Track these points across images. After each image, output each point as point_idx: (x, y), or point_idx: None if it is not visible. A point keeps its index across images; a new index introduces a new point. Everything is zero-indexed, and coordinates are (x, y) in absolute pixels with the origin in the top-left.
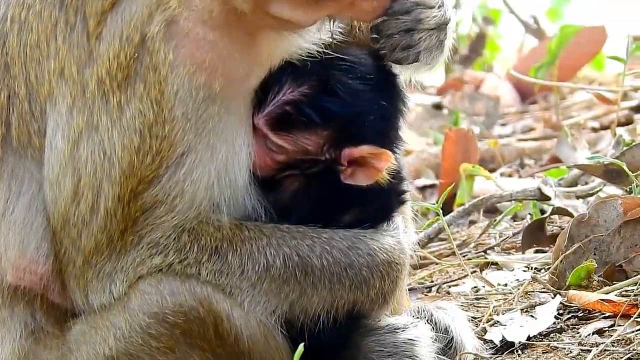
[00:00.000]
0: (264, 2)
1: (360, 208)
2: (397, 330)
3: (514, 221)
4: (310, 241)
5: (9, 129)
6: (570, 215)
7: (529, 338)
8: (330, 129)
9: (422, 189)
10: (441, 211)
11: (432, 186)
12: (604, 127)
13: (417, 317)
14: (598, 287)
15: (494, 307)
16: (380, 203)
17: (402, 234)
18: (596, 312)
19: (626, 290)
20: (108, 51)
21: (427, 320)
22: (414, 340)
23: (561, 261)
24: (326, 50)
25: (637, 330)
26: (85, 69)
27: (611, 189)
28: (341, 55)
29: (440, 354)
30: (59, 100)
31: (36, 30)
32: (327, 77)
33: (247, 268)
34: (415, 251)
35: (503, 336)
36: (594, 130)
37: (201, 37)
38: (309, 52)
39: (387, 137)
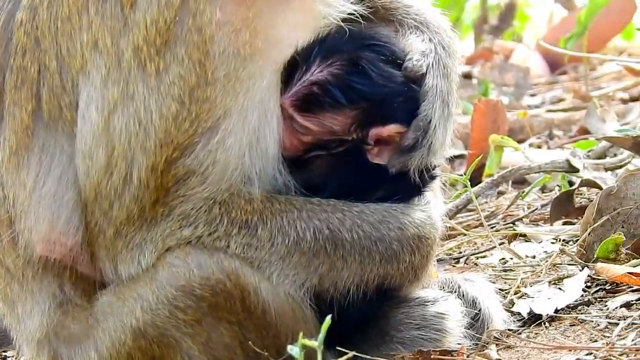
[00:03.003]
0: None
1: (390, 184)
2: (426, 304)
3: (543, 193)
4: (341, 214)
5: (40, 102)
6: (599, 187)
7: (556, 311)
8: (358, 109)
9: (451, 159)
10: (469, 182)
11: (461, 157)
12: (634, 99)
13: (445, 289)
14: (626, 260)
15: (521, 279)
16: (410, 178)
17: (434, 208)
18: (624, 285)
19: None
20: (145, 18)
21: (454, 292)
22: (443, 314)
23: (589, 234)
24: (354, 27)
25: None
26: (120, 39)
27: None
28: (370, 34)
29: (467, 327)
30: (93, 73)
31: (67, 3)
32: (357, 57)
33: (277, 241)
34: (443, 222)
35: (531, 309)
36: (623, 101)
37: None
38: (337, 24)
39: (414, 116)
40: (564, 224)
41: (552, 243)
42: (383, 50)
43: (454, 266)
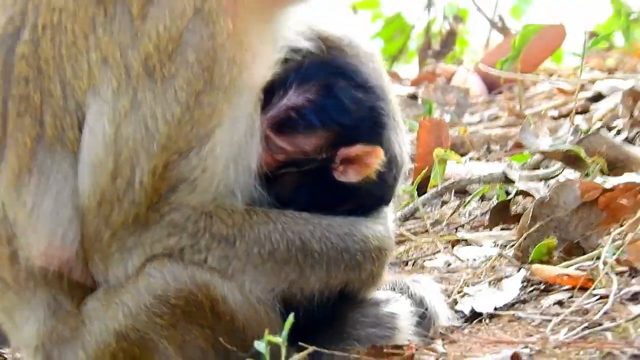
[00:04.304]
0: None
1: (355, 199)
2: (380, 304)
3: (482, 202)
4: (312, 227)
5: (43, 127)
6: (533, 196)
7: (495, 308)
8: (329, 132)
9: None
10: (416, 193)
11: (408, 170)
12: (563, 116)
13: (396, 290)
14: (558, 262)
15: (464, 280)
16: (372, 194)
17: (390, 221)
18: (556, 285)
19: (583, 265)
20: (157, 26)
21: (403, 292)
22: (394, 313)
23: (525, 238)
24: (325, 56)
25: (593, 302)
26: (129, 51)
27: (570, 173)
28: (340, 63)
29: (416, 324)
30: (103, 88)
31: (71, 30)
32: (330, 84)
33: (253, 252)
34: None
35: (472, 307)
36: (554, 118)
37: (247, 10)
38: (310, 50)
39: (379, 136)
40: (502, 229)
41: (491, 247)
42: (353, 77)
43: (403, 269)
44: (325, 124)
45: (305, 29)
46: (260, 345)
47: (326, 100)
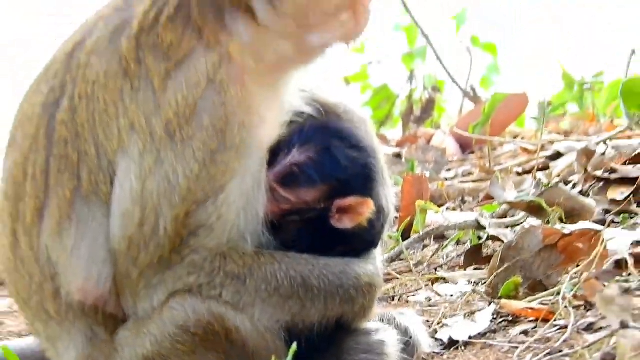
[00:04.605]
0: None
1: (349, 243)
2: (371, 333)
3: (458, 245)
4: (311, 266)
5: (80, 182)
6: (502, 241)
7: (469, 337)
8: (327, 186)
9: None
10: (401, 238)
11: (394, 218)
12: (526, 172)
13: (384, 321)
14: (523, 297)
15: (442, 312)
16: (364, 238)
17: (379, 261)
18: (522, 317)
19: (545, 300)
20: (176, 96)
21: (391, 323)
22: (383, 341)
23: (494, 277)
24: (324, 120)
25: (554, 331)
26: (152, 118)
27: (533, 221)
28: (337, 126)
29: (402, 351)
30: (131, 149)
31: (103, 99)
32: (328, 145)
33: (261, 289)
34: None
35: (450, 336)
36: (519, 174)
37: (253, 80)
38: (310, 114)
39: (369, 189)
40: (475, 269)
41: (466, 284)
42: (348, 139)
43: (390, 303)
44: (324, 179)
45: (306, 96)
46: None
47: (325, 159)
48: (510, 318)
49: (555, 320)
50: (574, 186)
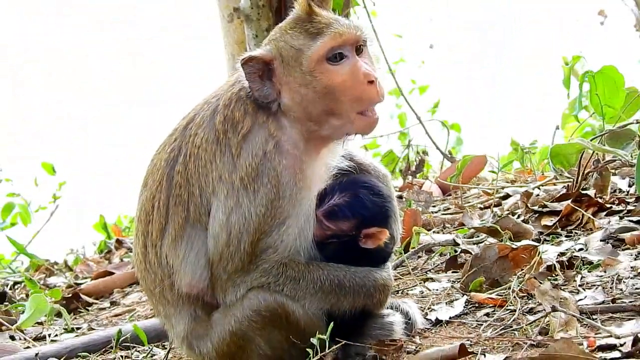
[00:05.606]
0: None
1: (370, 257)
2: (383, 316)
3: (441, 256)
4: (344, 272)
5: (188, 213)
6: (471, 253)
7: (449, 318)
8: (357, 220)
9: None
10: (403, 251)
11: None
12: (487, 207)
13: (392, 308)
14: (486, 291)
15: (431, 301)
16: (381, 255)
17: (390, 269)
18: (485, 304)
19: (500, 292)
20: (245, 161)
21: (397, 309)
22: (392, 322)
23: (466, 277)
24: (354, 173)
25: (506, 313)
26: (232, 174)
27: (491, 240)
28: (364, 179)
29: (404, 327)
30: (219, 193)
31: (203, 157)
32: (357, 192)
33: (310, 287)
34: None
35: (436, 317)
36: (481, 209)
37: (295, 151)
38: (343, 170)
39: (386, 222)
40: (453, 272)
41: (447, 283)
42: (372, 189)
43: (395, 295)
44: (355, 215)
45: (346, 158)
46: (314, 340)
47: (356, 202)
48: (477, 305)
49: (507, 306)
50: (518, 217)
